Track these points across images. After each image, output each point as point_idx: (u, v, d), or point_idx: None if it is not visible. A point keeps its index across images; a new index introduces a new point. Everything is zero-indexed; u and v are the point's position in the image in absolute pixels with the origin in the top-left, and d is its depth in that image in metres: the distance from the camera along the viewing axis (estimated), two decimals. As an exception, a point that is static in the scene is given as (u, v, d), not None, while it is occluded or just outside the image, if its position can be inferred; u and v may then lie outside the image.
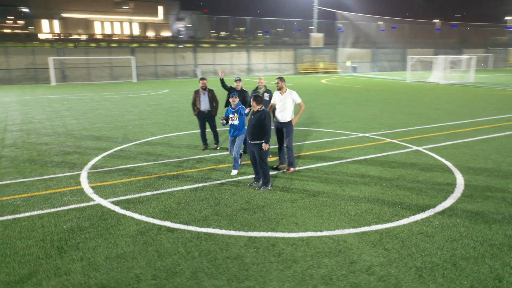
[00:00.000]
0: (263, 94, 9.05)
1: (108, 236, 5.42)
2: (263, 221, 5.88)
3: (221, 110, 10.59)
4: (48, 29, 64.92)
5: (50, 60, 32.12)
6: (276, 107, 8.26)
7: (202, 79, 10.07)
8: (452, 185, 7.44)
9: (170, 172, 8.25)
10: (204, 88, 9.96)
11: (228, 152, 9.41)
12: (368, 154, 9.62)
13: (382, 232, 5.54)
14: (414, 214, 6.12)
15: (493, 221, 5.87)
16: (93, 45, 49.38)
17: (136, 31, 70.67)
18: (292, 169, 8.33)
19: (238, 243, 5.25)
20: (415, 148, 10.29)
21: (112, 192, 7.11)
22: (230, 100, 8.17)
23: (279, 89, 8.25)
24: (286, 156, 8.42)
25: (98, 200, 6.73)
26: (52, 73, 32.15)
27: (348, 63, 49.53)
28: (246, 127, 7.89)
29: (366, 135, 11.90)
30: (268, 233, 5.50)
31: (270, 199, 6.75)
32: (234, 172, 8.14)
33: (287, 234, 5.47)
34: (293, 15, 53.04)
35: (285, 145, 8.34)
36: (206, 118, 10.12)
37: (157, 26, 73.95)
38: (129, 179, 7.82)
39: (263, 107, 7.23)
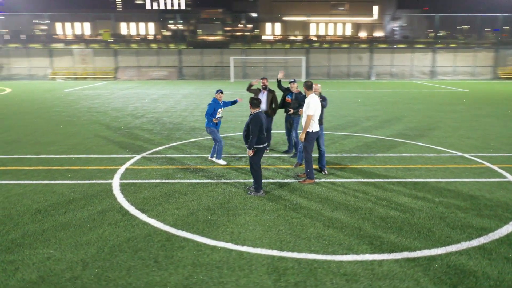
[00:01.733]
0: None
1: (79, 210, 6.35)
2: (206, 224, 5.82)
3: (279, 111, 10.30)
4: (270, 31, 73.12)
5: (231, 59, 36.39)
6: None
7: (262, 78, 10.08)
8: (488, 230, 5.61)
9: (200, 166, 8.74)
10: (264, 88, 9.96)
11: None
12: (429, 177, 7.95)
13: (302, 262, 4.78)
14: (372, 253, 4.99)
15: (468, 285, 4.30)
16: (306, 45, 52.67)
17: (349, 31, 72.42)
18: (308, 180, 7.66)
19: (155, 237, 5.41)
20: (511, 179, 7.93)
21: (134, 175, 8.09)
22: (218, 95, 8.67)
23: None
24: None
25: (115, 180, 7.80)
26: (231, 71, 36.40)
27: None
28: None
29: (466, 155, 9.69)
30: (193, 235, 5.45)
31: (245, 205, 6.52)
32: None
33: (206, 241, 5.31)
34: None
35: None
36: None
37: (370, 27, 73.84)
38: (161, 167, 8.67)
39: (259, 110, 6.95)
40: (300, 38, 65.98)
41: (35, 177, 7.96)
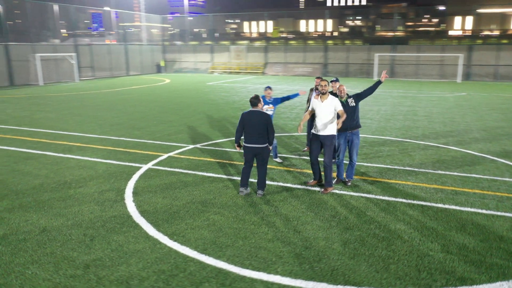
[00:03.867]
0: (346, 101, 7.60)
1: (90, 186, 7.32)
2: (169, 215, 6.05)
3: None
4: (459, 26, 67.07)
5: (376, 56, 34.45)
6: (316, 115, 7.14)
7: (317, 77, 9.44)
8: (465, 282, 4.37)
9: (234, 161, 8.89)
10: (317, 88, 9.38)
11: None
12: (469, 206, 6.41)
13: (207, 268, 4.62)
14: (285, 276, 4.47)
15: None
16: (504, 41, 46.98)
17: None
18: (329, 188, 7.09)
19: (116, 219, 5.91)
20: None
21: (167, 163, 8.78)
22: (266, 92, 8.56)
23: (323, 93, 7.07)
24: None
25: (148, 165, 8.62)
26: (375, 68, 34.48)
27: None
28: None
29: None
30: (145, 224, 5.76)
31: (224, 204, 6.48)
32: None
33: (150, 231, 5.55)
34: None
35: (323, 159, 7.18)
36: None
37: None
38: (200, 158, 9.14)
39: (255, 109, 6.78)
40: (496, 32, 57.94)
41: (95, 155, 9.40)
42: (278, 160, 8.94)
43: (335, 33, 73.13)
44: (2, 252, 4.97)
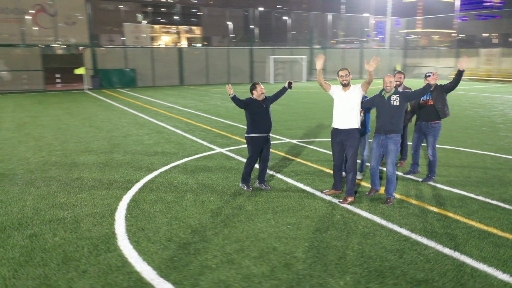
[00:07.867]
0: (388, 97, 6.05)
1: (153, 157, 8.54)
2: (161, 188, 6.56)
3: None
4: None
5: None
6: (335, 108, 6.08)
7: (399, 72, 7.50)
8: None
9: (293, 157, 8.40)
10: (399, 85, 7.49)
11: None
12: (496, 266, 4.19)
13: (106, 230, 5.00)
14: (149, 265, 4.39)
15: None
16: None
17: None
18: (350, 198, 5.98)
19: (124, 182, 6.86)
20: None
21: (238, 150, 9.11)
22: None
23: (344, 85, 5.96)
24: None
25: (216, 150, 9.21)
26: None
27: None
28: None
29: None
30: (133, 189, 6.49)
31: (218, 189, 6.47)
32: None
33: (128, 196, 6.24)
34: None
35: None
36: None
37: None
38: (271, 150, 9.06)
39: (252, 97, 6.42)
40: None
41: (202, 136, 10.65)
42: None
43: None
44: (40, 185, 6.70)
